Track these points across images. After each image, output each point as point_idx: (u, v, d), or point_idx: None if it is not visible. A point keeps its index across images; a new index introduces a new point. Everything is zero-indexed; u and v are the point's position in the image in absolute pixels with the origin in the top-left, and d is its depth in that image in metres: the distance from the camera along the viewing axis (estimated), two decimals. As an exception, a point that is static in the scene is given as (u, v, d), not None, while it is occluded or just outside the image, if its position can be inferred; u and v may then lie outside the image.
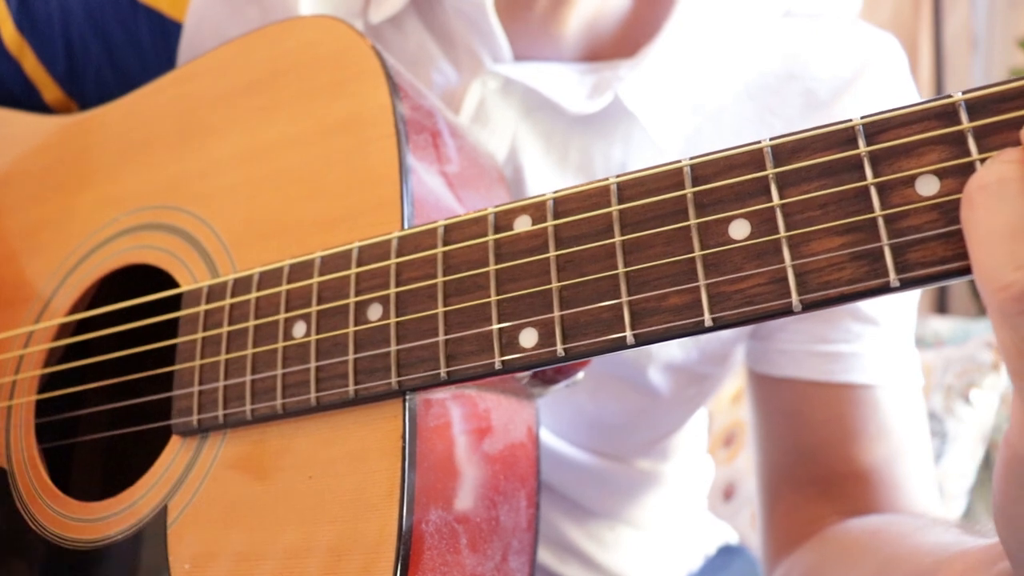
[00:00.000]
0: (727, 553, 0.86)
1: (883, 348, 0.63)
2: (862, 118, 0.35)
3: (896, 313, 0.64)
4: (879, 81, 0.63)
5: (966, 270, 0.32)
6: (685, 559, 0.81)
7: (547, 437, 0.68)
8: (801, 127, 0.61)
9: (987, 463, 1.43)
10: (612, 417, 0.68)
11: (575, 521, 0.72)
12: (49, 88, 0.70)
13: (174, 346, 0.50)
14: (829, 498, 0.63)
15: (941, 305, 2.26)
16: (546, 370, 0.50)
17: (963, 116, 0.33)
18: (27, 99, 0.70)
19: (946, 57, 2.38)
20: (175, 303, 0.51)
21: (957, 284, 0.56)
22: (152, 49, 0.69)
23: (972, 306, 2.19)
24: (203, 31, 0.67)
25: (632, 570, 0.74)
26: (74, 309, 0.56)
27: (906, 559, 0.49)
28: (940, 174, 0.33)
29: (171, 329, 0.51)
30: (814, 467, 0.64)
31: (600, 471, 0.71)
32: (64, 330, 0.56)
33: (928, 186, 0.33)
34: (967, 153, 0.32)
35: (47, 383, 0.56)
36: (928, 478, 0.65)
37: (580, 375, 0.51)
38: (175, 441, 0.49)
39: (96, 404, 0.58)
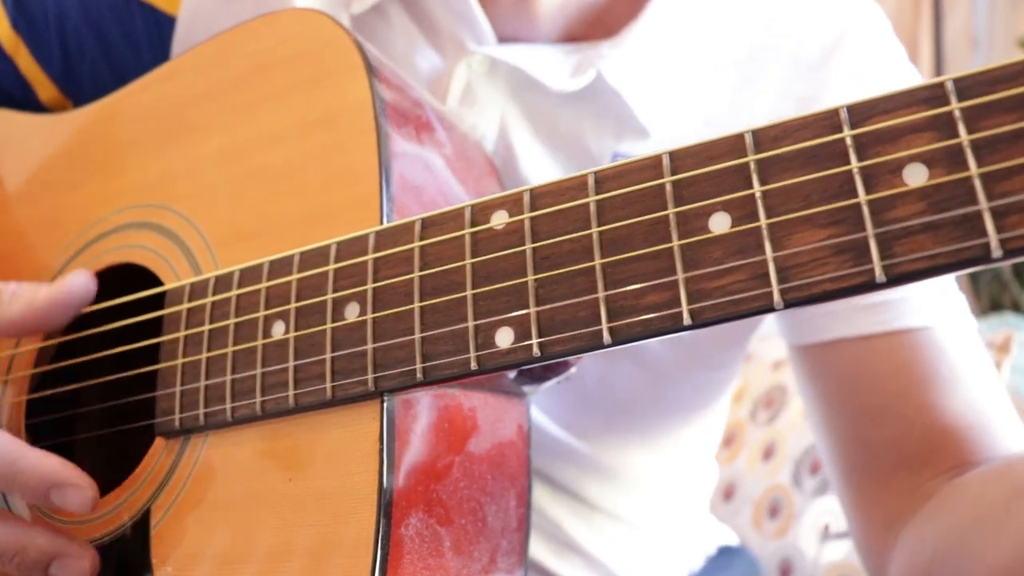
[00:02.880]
0: (728, 554, 0.84)
1: (929, 289, 0.59)
2: (847, 104, 0.33)
3: None
4: (863, 41, 0.61)
5: (955, 265, 0.31)
6: (687, 559, 0.80)
7: (551, 427, 0.67)
8: (788, 94, 0.60)
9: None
10: (618, 397, 0.66)
11: (578, 516, 0.71)
12: (45, 87, 0.70)
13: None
14: (920, 461, 0.57)
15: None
16: (534, 367, 0.49)
17: (952, 99, 0.31)
18: (23, 98, 0.70)
19: (946, 57, 2.36)
20: (162, 302, 0.50)
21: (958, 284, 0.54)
22: (148, 45, 0.69)
23: (973, 306, 2.14)
24: (196, 25, 0.66)
25: (634, 569, 0.73)
26: None
27: None
28: (929, 162, 0.31)
29: (160, 328, 0.50)
30: (891, 429, 0.58)
31: (604, 465, 0.70)
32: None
33: (916, 175, 0.32)
34: (956, 138, 0.31)
35: (38, 385, 0.56)
36: (1014, 416, 0.58)
37: (573, 370, 0.49)
38: (159, 442, 0.48)
39: (87, 405, 0.58)
